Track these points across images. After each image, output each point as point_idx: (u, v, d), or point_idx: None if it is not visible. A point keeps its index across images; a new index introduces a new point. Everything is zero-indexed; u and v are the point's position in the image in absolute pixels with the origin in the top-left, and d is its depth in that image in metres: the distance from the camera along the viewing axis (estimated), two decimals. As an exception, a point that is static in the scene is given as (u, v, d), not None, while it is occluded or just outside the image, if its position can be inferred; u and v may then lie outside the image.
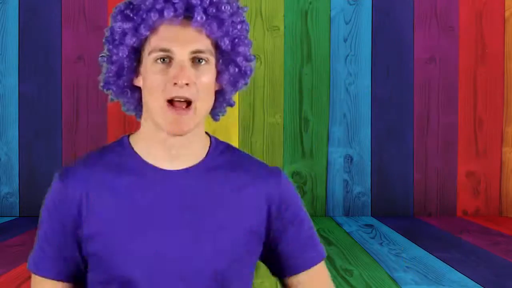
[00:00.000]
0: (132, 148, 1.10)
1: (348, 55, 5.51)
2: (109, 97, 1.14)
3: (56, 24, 5.61)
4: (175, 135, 1.05)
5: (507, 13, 5.62)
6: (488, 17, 5.59)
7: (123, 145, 1.12)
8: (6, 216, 5.52)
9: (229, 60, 1.11)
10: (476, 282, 3.41)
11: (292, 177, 5.65)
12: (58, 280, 1.12)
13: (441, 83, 5.42)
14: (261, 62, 5.66)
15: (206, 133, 1.15)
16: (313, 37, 5.65)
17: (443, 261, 3.82)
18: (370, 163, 5.46)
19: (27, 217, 5.36)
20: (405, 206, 5.58)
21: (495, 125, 5.54)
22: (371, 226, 5.06)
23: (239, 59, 1.12)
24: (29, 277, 3.51)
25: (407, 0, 5.62)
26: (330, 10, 5.64)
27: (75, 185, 1.07)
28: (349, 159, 5.49)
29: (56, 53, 5.60)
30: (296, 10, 5.65)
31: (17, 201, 5.58)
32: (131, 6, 1.09)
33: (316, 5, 5.64)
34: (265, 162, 1.29)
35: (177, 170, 1.08)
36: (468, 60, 5.44)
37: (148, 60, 1.05)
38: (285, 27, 5.66)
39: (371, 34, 5.58)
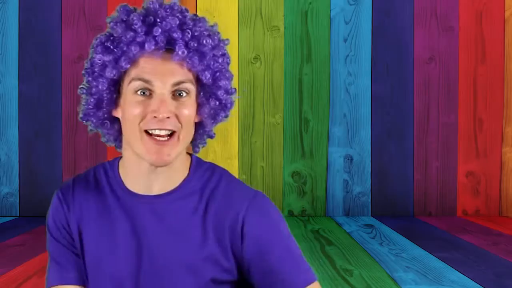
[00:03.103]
0: (119, 173, 1.13)
1: (348, 55, 5.51)
2: (88, 128, 1.13)
3: (56, 24, 5.61)
4: (156, 166, 1.04)
5: (507, 13, 5.61)
6: (488, 17, 5.58)
7: (113, 169, 1.14)
8: (6, 216, 5.52)
9: (210, 93, 1.09)
10: (476, 282, 3.41)
11: (292, 177, 5.65)
12: (71, 285, 1.13)
13: (441, 83, 5.42)
14: (261, 62, 5.66)
15: (189, 153, 1.14)
16: (313, 37, 5.65)
17: (443, 261, 3.82)
18: (370, 163, 5.46)
19: (27, 217, 5.37)
20: (405, 206, 5.58)
21: (495, 125, 5.54)
22: (371, 226, 5.06)
23: (220, 92, 1.10)
24: (29, 277, 3.50)
25: (407, 0, 5.62)
26: (330, 10, 5.64)
27: (70, 206, 1.10)
28: (349, 159, 5.49)
29: (56, 53, 5.60)
30: (296, 10, 5.65)
31: (17, 201, 5.58)
32: (111, 38, 1.06)
33: (316, 5, 5.64)
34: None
35: (151, 196, 1.08)
36: (468, 60, 5.44)
37: (128, 90, 1.04)
38: (285, 27, 5.66)
39: (371, 34, 5.58)
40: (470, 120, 5.41)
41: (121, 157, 1.16)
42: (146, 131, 1.03)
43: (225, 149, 5.53)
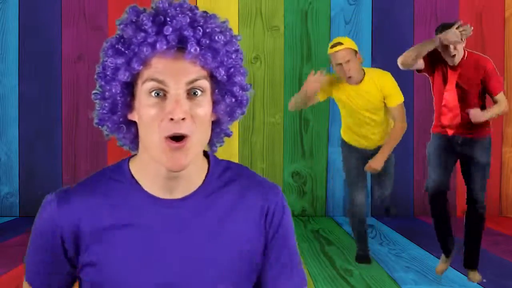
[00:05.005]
0: (132, 176, 1.09)
1: (348, 55, 5.50)
2: (104, 133, 1.11)
3: (56, 24, 5.61)
4: (174, 171, 1.04)
5: (507, 13, 5.61)
6: (488, 17, 5.59)
7: (123, 173, 1.10)
8: (6, 216, 5.53)
9: (225, 90, 1.07)
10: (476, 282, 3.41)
11: (292, 177, 5.65)
12: None
13: (441, 83, 5.42)
14: (261, 62, 5.66)
15: (205, 152, 1.13)
16: (313, 37, 5.65)
17: (443, 261, 3.81)
18: (370, 163, 5.45)
19: (27, 217, 5.37)
20: (405, 206, 5.58)
21: (495, 125, 5.53)
22: (371, 226, 5.06)
23: (236, 89, 1.08)
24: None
25: (407, 0, 5.62)
26: (330, 10, 5.64)
27: (70, 213, 1.06)
28: (349, 159, 5.48)
29: (56, 53, 5.60)
30: (296, 10, 5.65)
31: (17, 201, 5.58)
32: (122, 40, 1.04)
33: (316, 5, 5.64)
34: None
35: (175, 200, 1.07)
36: (468, 60, 5.43)
37: (142, 92, 1.02)
38: (285, 27, 5.66)
39: (371, 34, 5.58)
40: (470, 120, 5.40)
41: (129, 159, 1.14)
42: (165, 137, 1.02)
43: (225, 149, 5.52)
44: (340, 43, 3.41)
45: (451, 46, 3.16)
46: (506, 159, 5.55)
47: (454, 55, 3.19)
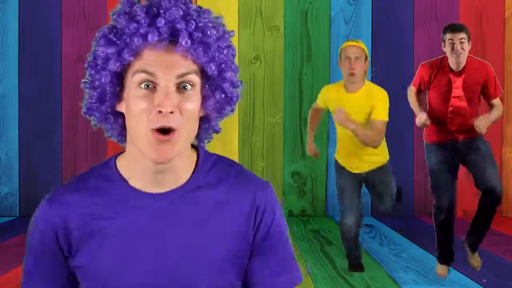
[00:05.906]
0: (119, 172, 1.10)
1: (348, 55, 5.50)
2: (92, 123, 1.11)
3: (56, 24, 5.61)
4: (159, 163, 1.03)
5: (507, 13, 5.61)
6: (488, 17, 5.59)
7: (110, 169, 1.11)
8: (6, 216, 5.53)
9: (215, 85, 1.07)
10: (476, 282, 3.41)
11: (292, 177, 5.65)
12: None
13: (441, 83, 5.42)
14: (261, 62, 5.66)
15: (194, 146, 1.13)
16: (313, 37, 5.65)
17: (443, 261, 3.81)
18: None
19: (27, 217, 5.37)
20: (405, 206, 5.58)
21: (495, 125, 5.53)
22: (371, 226, 5.06)
23: (226, 85, 1.08)
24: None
25: (407, 0, 5.62)
26: (330, 10, 5.64)
27: (59, 212, 1.07)
28: (349, 159, 5.48)
29: (56, 53, 5.60)
30: (296, 10, 5.65)
31: (17, 201, 5.58)
32: (114, 30, 1.04)
33: (316, 5, 5.64)
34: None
35: (161, 194, 1.07)
36: (468, 60, 5.43)
37: (132, 83, 1.02)
38: (285, 27, 5.66)
39: (371, 34, 5.58)
40: (470, 120, 5.40)
41: (117, 156, 1.14)
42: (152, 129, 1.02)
43: (225, 149, 5.53)
44: (356, 41, 3.50)
45: (458, 45, 3.24)
46: (506, 159, 5.55)
47: (460, 53, 3.25)
